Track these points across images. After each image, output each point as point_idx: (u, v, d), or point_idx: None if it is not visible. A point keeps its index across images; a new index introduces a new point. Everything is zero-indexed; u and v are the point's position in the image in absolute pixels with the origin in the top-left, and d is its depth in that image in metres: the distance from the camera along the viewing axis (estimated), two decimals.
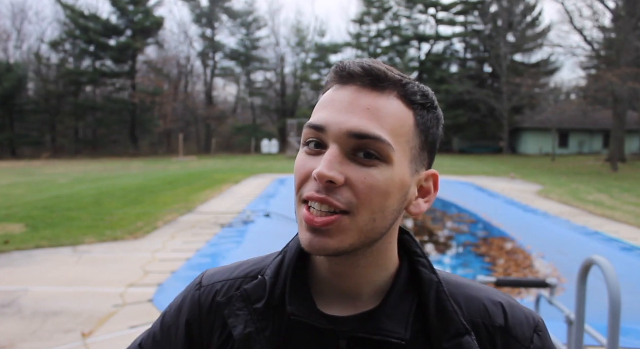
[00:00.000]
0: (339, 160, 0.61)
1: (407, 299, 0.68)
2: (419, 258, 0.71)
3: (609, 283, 2.19)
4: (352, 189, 0.61)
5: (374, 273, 0.69)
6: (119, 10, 40.55)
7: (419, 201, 0.68)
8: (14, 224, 8.68)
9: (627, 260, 6.58)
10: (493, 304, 0.70)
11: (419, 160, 0.66)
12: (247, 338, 0.69)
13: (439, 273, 0.72)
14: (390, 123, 0.62)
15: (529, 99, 31.39)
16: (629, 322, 3.47)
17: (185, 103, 42.27)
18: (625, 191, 14.15)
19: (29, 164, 28.53)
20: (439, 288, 0.68)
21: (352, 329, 0.66)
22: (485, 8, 41.66)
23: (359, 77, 0.64)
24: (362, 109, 0.62)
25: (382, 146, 0.61)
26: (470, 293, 0.72)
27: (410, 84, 0.65)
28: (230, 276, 0.78)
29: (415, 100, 0.65)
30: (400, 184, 0.63)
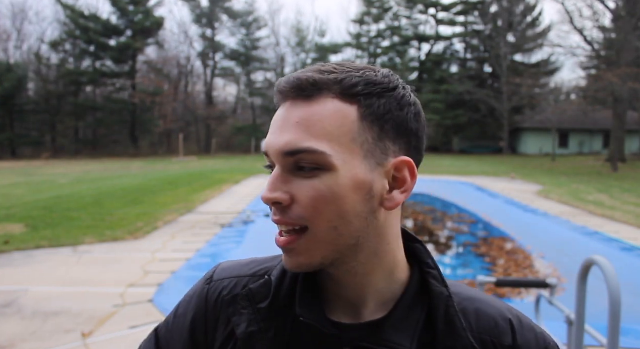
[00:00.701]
0: (282, 179, 0.61)
1: (415, 311, 0.66)
2: (429, 269, 0.69)
3: (609, 283, 2.19)
4: (300, 205, 0.60)
5: (377, 280, 0.67)
6: (119, 11, 40.56)
7: (394, 194, 0.64)
8: (14, 224, 8.68)
9: (627, 260, 6.58)
10: (503, 321, 0.68)
11: (377, 152, 0.62)
12: (249, 336, 0.68)
13: (451, 285, 0.70)
14: (323, 128, 0.60)
15: (529, 99, 31.40)
16: (629, 322, 3.48)
17: (185, 103, 42.29)
18: (626, 191, 14.15)
19: (29, 164, 28.53)
20: (448, 302, 0.66)
21: (357, 337, 0.65)
22: (485, 8, 41.67)
23: (288, 93, 0.63)
24: (292, 124, 0.61)
25: (315, 156, 0.59)
26: (482, 307, 0.69)
27: (347, 78, 0.62)
28: (239, 273, 0.78)
29: (356, 92, 0.62)
30: (352, 185, 0.60)
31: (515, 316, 0.69)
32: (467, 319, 0.67)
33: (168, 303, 4.77)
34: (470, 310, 0.68)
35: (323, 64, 0.65)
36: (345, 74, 0.62)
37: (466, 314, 0.67)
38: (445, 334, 0.64)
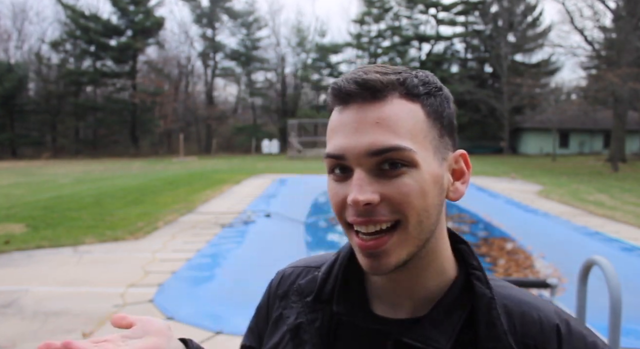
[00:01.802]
0: (367, 181, 0.62)
1: (456, 311, 0.67)
2: (474, 270, 0.69)
3: (610, 283, 2.19)
4: (391, 203, 0.62)
5: (427, 277, 0.69)
6: (119, 10, 40.58)
7: (456, 185, 0.68)
8: (14, 224, 8.68)
9: (628, 260, 6.57)
10: (550, 326, 0.66)
11: (441, 148, 0.66)
12: (297, 327, 0.74)
13: (499, 286, 0.70)
14: (403, 126, 0.62)
15: (530, 99, 31.38)
16: (630, 322, 3.47)
17: (185, 103, 42.31)
18: (626, 191, 14.15)
19: (29, 164, 28.54)
20: (490, 303, 0.66)
21: (400, 332, 0.67)
22: (485, 8, 41.66)
23: (357, 94, 0.64)
24: (371, 124, 0.62)
25: (403, 153, 0.61)
26: (528, 310, 0.68)
27: (408, 79, 0.65)
28: (298, 264, 0.86)
29: (418, 92, 0.65)
30: (432, 179, 0.63)
31: (564, 321, 0.67)
32: (511, 321, 0.66)
33: (168, 303, 4.77)
34: (516, 312, 0.67)
35: (373, 65, 0.67)
36: (403, 75, 0.65)
37: (511, 317, 0.67)
38: (486, 336, 0.64)
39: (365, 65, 0.67)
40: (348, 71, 0.68)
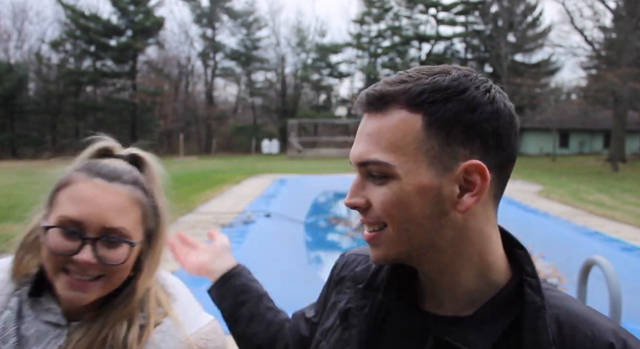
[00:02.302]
0: (360, 185, 0.69)
1: (502, 315, 0.67)
2: (527, 277, 0.68)
3: (610, 283, 2.19)
4: (375, 208, 0.67)
5: (465, 279, 0.69)
6: (119, 10, 40.56)
7: (464, 198, 0.65)
8: (14, 224, 8.69)
9: (628, 260, 6.57)
10: (602, 344, 0.63)
11: (444, 158, 0.64)
12: (347, 311, 0.80)
13: (555, 297, 0.69)
14: (388, 140, 0.65)
15: (530, 99, 31.35)
16: (629, 322, 3.47)
17: (185, 103, 42.31)
18: (626, 191, 14.14)
19: (29, 164, 28.56)
20: (539, 312, 0.65)
21: (440, 329, 0.69)
22: (485, 8, 41.65)
23: (365, 106, 0.69)
24: (364, 136, 0.68)
25: (380, 167, 0.65)
26: (581, 325, 0.65)
27: (414, 87, 0.65)
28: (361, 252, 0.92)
29: (421, 100, 0.64)
30: (416, 191, 0.64)
31: (620, 340, 0.64)
32: (561, 334, 0.64)
33: None
34: (567, 325, 0.65)
35: (403, 72, 0.69)
36: (414, 82, 0.65)
37: (561, 329, 0.65)
38: (530, 344, 0.63)
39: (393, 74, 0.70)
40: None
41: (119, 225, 0.84)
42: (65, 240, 0.82)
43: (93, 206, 0.83)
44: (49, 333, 0.86)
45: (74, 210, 0.83)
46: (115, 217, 0.83)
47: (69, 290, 0.82)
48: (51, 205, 0.88)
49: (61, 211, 0.84)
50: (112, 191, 0.85)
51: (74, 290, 0.82)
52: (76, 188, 0.85)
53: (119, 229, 0.84)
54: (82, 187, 0.85)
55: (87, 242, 0.81)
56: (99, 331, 0.85)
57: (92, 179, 0.86)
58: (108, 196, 0.84)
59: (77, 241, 0.82)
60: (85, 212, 0.82)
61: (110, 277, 0.85)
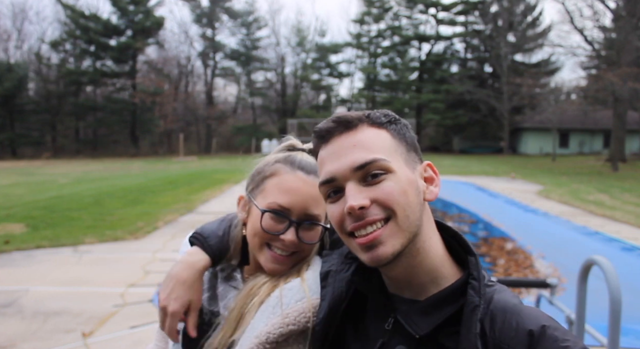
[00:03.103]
0: (358, 190, 0.78)
1: (446, 307, 0.79)
2: (472, 280, 0.80)
3: (609, 283, 2.19)
4: (379, 203, 0.77)
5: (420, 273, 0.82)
6: (119, 10, 40.56)
7: (430, 188, 0.85)
8: (14, 224, 8.68)
9: (628, 260, 6.57)
10: (523, 331, 0.74)
11: (410, 160, 0.83)
12: (327, 273, 0.95)
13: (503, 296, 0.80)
14: (376, 144, 0.80)
15: (529, 99, 31.38)
16: (629, 322, 3.47)
17: (185, 103, 42.27)
18: (626, 190, 14.15)
19: (29, 164, 28.54)
20: (474, 310, 0.76)
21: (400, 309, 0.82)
22: (485, 8, 41.64)
23: (335, 129, 0.83)
24: (350, 147, 0.80)
25: (380, 163, 0.78)
26: (510, 317, 0.76)
27: (371, 113, 0.84)
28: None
29: (382, 121, 0.83)
30: (408, 181, 0.79)
31: (540, 326, 0.74)
32: (493, 327, 0.76)
33: None
34: (499, 319, 0.77)
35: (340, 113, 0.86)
36: (367, 112, 0.84)
37: (493, 323, 0.76)
38: (463, 336, 0.75)
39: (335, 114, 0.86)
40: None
41: (316, 212, 1.01)
42: (275, 222, 1.00)
43: (298, 195, 1.00)
44: (230, 292, 1.08)
45: (283, 198, 1.00)
46: (314, 206, 1.01)
47: (272, 263, 1.01)
48: (259, 191, 1.06)
49: (272, 198, 1.01)
50: (311, 183, 1.01)
51: (276, 263, 1.01)
52: (283, 179, 1.03)
53: (316, 215, 1.01)
54: (288, 179, 1.02)
55: (292, 225, 0.99)
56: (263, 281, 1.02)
57: (295, 172, 1.03)
58: (309, 187, 1.01)
59: (283, 223, 1.00)
60: (292, 200, 1.00)
61: (302, 253, 1.03)
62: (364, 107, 44.63)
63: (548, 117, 30.11)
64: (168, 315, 1.01)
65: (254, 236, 1.02)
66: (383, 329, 0.84)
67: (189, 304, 1.03)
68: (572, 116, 32.90)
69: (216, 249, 1.11)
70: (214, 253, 1.09)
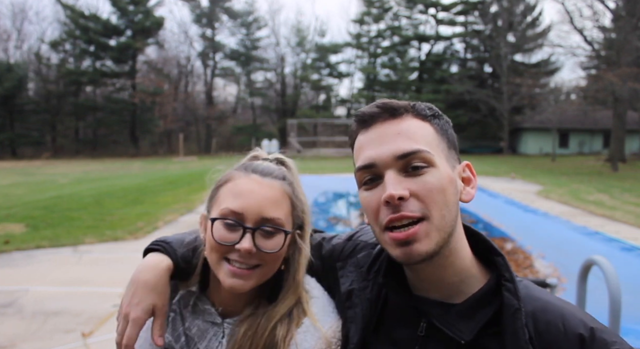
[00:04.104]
0: (398, 180, 0.75)
1: (483, 310, 0.77)
2: (505, 282, 0.78)
3: (609, 283, 2.19)
4: (418, 198, 0.74)
5: (450, 274, 0.80)
6: (119, 10, 40.55)
7: (467, 189, 0.83)
8: (14, 224, 8.68)
9: (628, 260, 6.57)
10: (573, 335, 0.72)
11: (451, 157, 0.81)
12: (350, 292, 0.90)
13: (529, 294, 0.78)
14: (420, 136, 0.77)
15: (529, 99, 31.37)
16: (629, 322, 3.47)
17: (185, 103, 42.27)
18: (626, 190, 14.15)
19: (29, 164, 28.53)
20: (516, 314, 0.74)
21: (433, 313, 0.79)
22: (485, 8, 41.63)
23: (379, 115, 0.79)
24: (394, 135, 0.77)
25: (423, 155, 0.75)
26: (554, 319, 0.74)
27: (416, 104, 0.81)
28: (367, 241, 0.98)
29: (426, 113, 0.81)
30: (448, 179, 0.77)
31: (588, 329, 0.72)
32: (538, 329, 0.74)
33: None
34: (542, 321, 0.74)
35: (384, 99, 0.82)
36: (412, 102, 0.82)
37: (537, 325, 0.74)
38: (510, 343, 0.73)
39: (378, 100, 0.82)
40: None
41: (274, 215, 0.91)
42: (228, 231, 0.90)
43: (251, 198, 0.91)
44: (208, 331, 0.97)
45: (235, 203, 0.91)
46: (270, 208, 0.91)
47: (231, 278, 0.90)
48: (213, 201, 0.98)
49: (224, 205, 0.93)
50: (266, 184, 0.94)
51: (236, 277, 0.89)
52: (236, 183, 0.95)
53: (275, 219, 0.92)
54: (240, 182, 0.95)
55: (247, 232, 0.89)
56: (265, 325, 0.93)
57: (249, 175, 0.96)
58: (264, 189, 0.93)
59: (238, 232, 0.90)
60: (245, 204, 0.91)
61: (266, 266, 0.92)
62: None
63: (548, 117, 30.10)
64: (129, 322, 0.90)
65: (211, 251, 0.92)
66: (415, 336, 0.80)
67: (152, 309, 0.92)
68: (572, 116, 32.88)
69: (180, 255, 1.00)
70: (177, 259, 0.99)
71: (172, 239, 1.05)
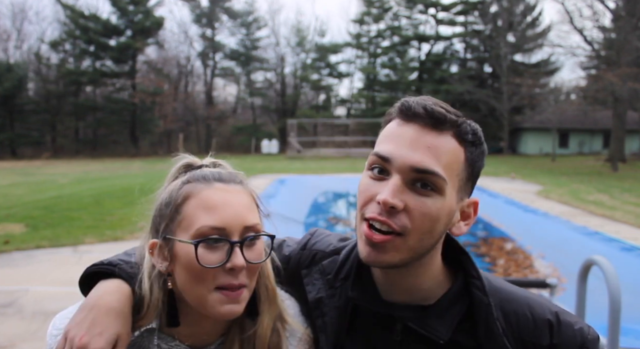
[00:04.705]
0: (400, 189, 0.72)
1: (455, 308, 0.79)
2: (473, 279, 0.80)
3: (609, 283, 2.19)
4: (408, 215, 0.72)
5: (422, 281, 0.80)
6: (119, 10, 40.53)
7: (460, 224, 0.80)
8: (14, 224, 8.68)
9: (628, 260, 6.57)
10: (542, 322, 0.75)
11: (464, 189, 0.78)
12: (318, 301, 0.87)
13: (494, 284, 0.80)
14: (446, 160, 0.73)
15: (529, 99, 31.36)
16: (629, 322, 3.47)
17: (185, 103, 42.25)
18: (626, 190, 14.14)
19: (29, 164, 28.53)
20: (488, 309, 0.76)
21: (407, 317, 0.79)
22: (485, 8, 41.63)
23: (421, 118, 0.74)
24: (424, 146, 0.73)
25: (438, 180, 0.72)
26: (520, 309, 0.76)
27: (463, 124, 0.76)
28: (325, 249, 0.96)
29: (467, 138, 0.76)
30: (448, 211, 0.74)
31: (553, 314, 0.76)
32: (508, 320, 0.76)
33: None
34: (510, 312, 0.77)
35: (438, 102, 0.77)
36: (461, 119, 0.76)
37: (507, 316, 0.76)
38: (486, 338, 0.75)
39: (431, 98, 0.77)
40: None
41: (254, 222, 0.83)
42: (211, 253, 0.78)
43: (228, 209, 0.81)
44: None
45: (212, 218, 0.79)
46: (248, 215, 0.83)
47: (225, 304, 0.79)
48: (176, 224, 0.83)
49: (199, 223, 0.79)
50: (234, 191, 0.84)
51: (230, 302, 0.79)
52: (202, 197, 0.82)
53: (256, 225, 0.84)
54: (208, 194, 0.82)
55: (235, 246, 0.79)
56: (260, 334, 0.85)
57: (212, 184, 0.84)
58: (235, 196, 0.83)
59: (221, 250, 0.79)
60: (224, 216, 0.80)
61: (251, 281, 0.82)
62: (363, 107, 44.72)
63: (548, 117, 30.10)
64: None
65: (196, 282, 0.79)
66: (392, 340, 0.80)
67: (116, 340, 0.80)
68: (571, 116, 32.87)
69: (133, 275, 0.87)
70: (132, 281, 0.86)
71: (112, 259, 0.93)
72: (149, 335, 0.85)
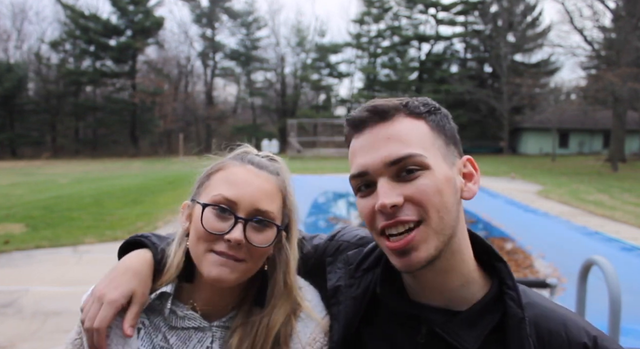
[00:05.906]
0: (390, 186, 0.72)
1: (486, 318, 0.75)
2: (508, 290, 0.77)
3: (609, 283, 2.19)
4: (413, 202, 0.72)
5: (452, 279, 0.77)
6: (119, 10, 40.54)
7: (468, 186, 0.80)
8: (14, 224, 8.68)
9: (627, 260, 6.57)
10: (577, 345, 0.72)
11: (449, 154, 0.77)
12: (336, 289, 0.89)
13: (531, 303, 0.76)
14: (411, 138, 0.74)
15: (529, 99, 31.36)
16: (629, 322, 3.47)
17: (185, 103, 42.26)
18: (626, 190, 14.14)
19: (29, 164, 28.53)
20: (521, 324, 0.73)
21: (434, 321, 0.76)
22: (485, 8, 41.64)
23: (369, 119, 0.76)
24: (384, 140, 0.74)
25: (415, 159, 0.72)
26: (557, 328, 0.73)
27: (409, 102, 0.78)
28: (351, 240, 0.99)
29: (420, 111, 0.77)
30: (445, 179, 0.74)
31: (591, 338, 0.72)
32: (541, 338, 0.73)
33: None
34: (544, 330, 0.74)
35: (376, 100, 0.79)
36: (405, 100, 0.78)
37: (540, 333, 0.73)
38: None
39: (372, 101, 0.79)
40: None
41: (268, 208, 0.88)
42: (218, 219, 0.86)
43: (246, 187, 0.88)
44: (191, 338, 0.91)
45: (229, 190, 0.88)
46: (265, 201, 0.88)
47: (218, 266, 0.84)
48: (203, 189, 0.93)
49: (217, 191, 0.88)
50: (262, 176, 0.91)
51: (221, 266, 0.84)
52: (231, 172, 0.92)
53: (268, 212, 0.88)
54: (236, 171, 0.91)
55: (239, 222, 0.85)
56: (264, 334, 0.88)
57: (245, 165, 0.92)
58: (259, 180, 0.90)
59: (229, 221, 0.86)
60: (240, 193, 0.87)
61: (251, 262, 0.87)
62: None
63: (548, 117, 30.09)
64: (103, 304, 0.86)
65: (197, 241, 0.87)
66: (414, 342, 0.78)
67: (131, 296, 0.87)
68: (571, 116, 32.87)
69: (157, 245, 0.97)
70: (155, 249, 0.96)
71: (150, 235, 1.02)
72: (164, 300, 0.92)
